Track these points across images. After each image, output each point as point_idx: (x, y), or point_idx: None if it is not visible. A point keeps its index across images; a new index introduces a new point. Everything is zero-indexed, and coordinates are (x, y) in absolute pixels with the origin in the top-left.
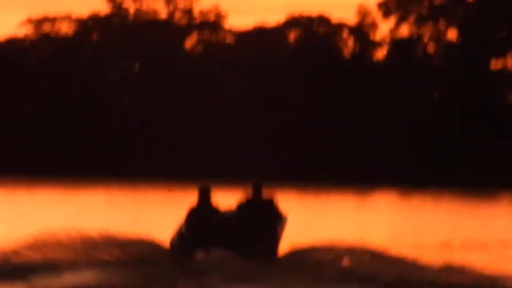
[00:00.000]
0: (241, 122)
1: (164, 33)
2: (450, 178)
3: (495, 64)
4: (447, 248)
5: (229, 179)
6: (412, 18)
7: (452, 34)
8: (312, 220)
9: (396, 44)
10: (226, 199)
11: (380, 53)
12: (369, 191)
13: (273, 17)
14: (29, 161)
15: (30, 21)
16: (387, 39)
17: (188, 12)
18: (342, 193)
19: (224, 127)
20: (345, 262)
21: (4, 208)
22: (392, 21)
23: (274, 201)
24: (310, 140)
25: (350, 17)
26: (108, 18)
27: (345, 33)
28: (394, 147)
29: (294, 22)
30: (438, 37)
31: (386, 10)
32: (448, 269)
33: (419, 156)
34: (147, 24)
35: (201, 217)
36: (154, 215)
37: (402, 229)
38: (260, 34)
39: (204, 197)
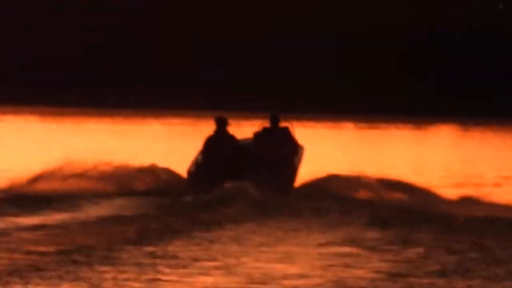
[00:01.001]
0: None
1: None
2: None
3: None
4: (497, 185)
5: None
6: None
7: None
8: (367, 153)
9: None
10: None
11: None
12: (429, 124)
13: None
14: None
15: None
16: None
17: None
18: (401, 126)
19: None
20: (362, 193)
21: (43, 138)
22: None
23: (291, 131)
24: (368, 69)
25: None
26: None
27: None
28: (455, 79)
29: None
30: None
31: None
32: (463, 201)
33: (482, 89)
34: None
35: (218, 145)
36: (178, 145)
37: (457, 165)
38: None
39: (221, 126)
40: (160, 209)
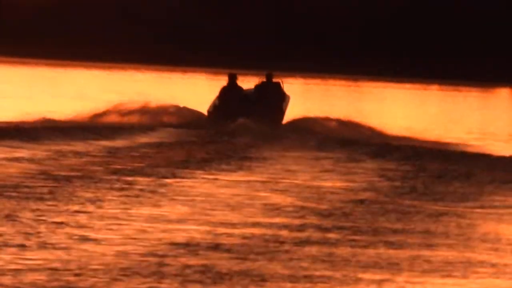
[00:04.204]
0: None
1: None
2: None
3: None
4: None
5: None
6: None
7: None
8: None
9: None
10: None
11: None
12: (494, 87)
13: None
14: None
15: None
16: None
17: None
18: (467, 88)
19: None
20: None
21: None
22: None
23: (281, 85)
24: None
25: None
26: None
27: None
28: None
29: None
30: None
31: None
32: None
33: None
34: None
35: (230, 93)
36: (195, 92)
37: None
38: None
39: (232, 80)
40: (193, 135)
